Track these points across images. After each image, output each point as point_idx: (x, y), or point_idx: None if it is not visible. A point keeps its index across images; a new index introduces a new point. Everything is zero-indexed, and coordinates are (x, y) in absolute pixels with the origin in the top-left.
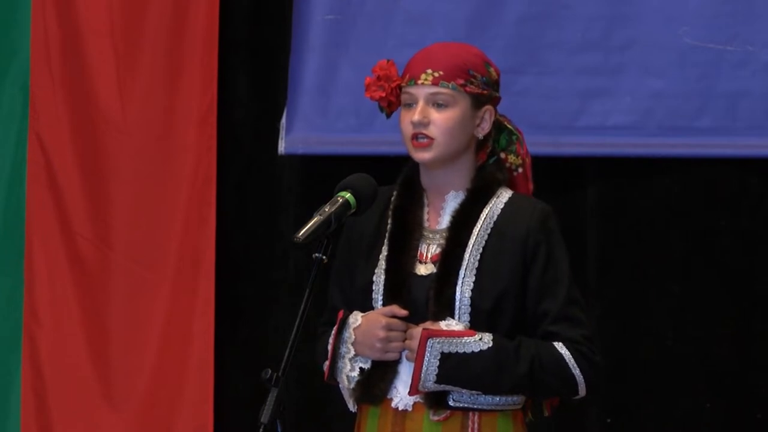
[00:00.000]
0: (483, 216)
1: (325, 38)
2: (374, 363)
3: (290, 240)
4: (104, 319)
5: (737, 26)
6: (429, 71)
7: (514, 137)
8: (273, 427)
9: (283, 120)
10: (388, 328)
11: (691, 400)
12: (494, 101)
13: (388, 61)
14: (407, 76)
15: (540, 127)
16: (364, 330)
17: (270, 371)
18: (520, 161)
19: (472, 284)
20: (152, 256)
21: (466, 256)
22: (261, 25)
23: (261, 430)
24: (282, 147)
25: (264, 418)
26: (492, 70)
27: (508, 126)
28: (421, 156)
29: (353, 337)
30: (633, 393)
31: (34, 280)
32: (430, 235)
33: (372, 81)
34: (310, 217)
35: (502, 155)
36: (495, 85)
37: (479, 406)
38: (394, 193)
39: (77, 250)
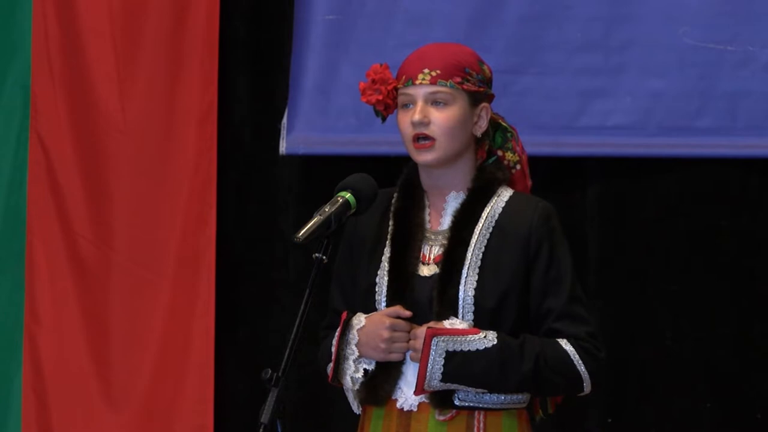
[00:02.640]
0: (484, 215)
1: (325, 38)
2: (378, 364)
3: (290, 240)
4: (104, 319)
5: (737, 26)
6: (426, 71)
7: (509, 134)
8: (273, 427)
9: (284, 120)
10: (392, 328)
11: (691, 400)
12: (489, 99)
13: (381, 65)
14: (403, 78)
15: (540, 127)
16: (367, 331)
17: (270, 371)
18: (517, 158)
19: (475, 283)
20: (152, 256)
21: (469, 255)
22: (261, 25)
23: (261, 430)
24: (283, 147)
25: (264, 418)
26: (485, 67)
27: (503, 124)
28: (424, 158)
29: (357, 338)
30: (633, 393)
31: (34, 280)
32: (432, 237)
33: (367, 85)
34: (310, 217)
35: (500, 153)
36: (489, 82)
37: (484, 405)
38: (395, 195)
39: (78, 250)
